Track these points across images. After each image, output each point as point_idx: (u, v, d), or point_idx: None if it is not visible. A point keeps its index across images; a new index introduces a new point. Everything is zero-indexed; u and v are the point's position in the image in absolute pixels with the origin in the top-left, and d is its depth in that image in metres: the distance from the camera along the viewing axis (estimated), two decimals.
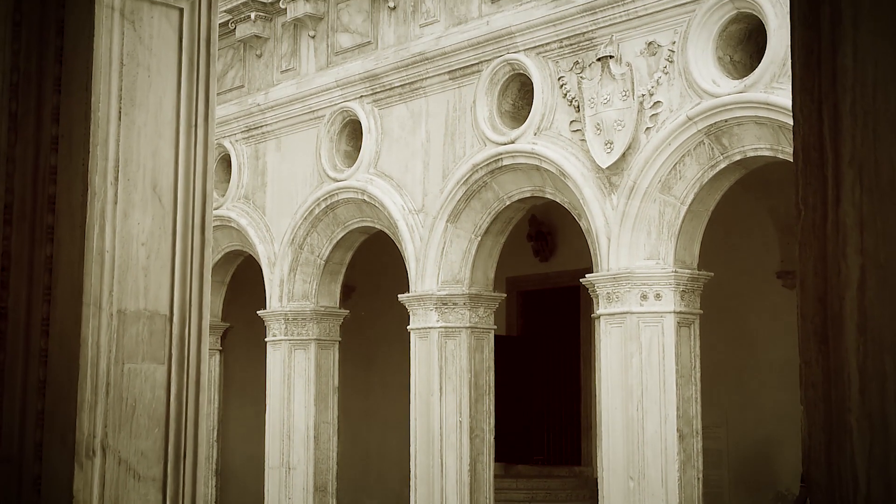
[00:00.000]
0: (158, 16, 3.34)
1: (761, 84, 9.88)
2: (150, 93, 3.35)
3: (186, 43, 3.39)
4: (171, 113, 3.35)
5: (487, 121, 12.00)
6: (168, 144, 3.36)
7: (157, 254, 3.34)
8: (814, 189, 1.88)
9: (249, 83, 15.25)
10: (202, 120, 3.44)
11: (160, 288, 3.35)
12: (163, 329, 3.36)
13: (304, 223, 14.06)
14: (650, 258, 10.71)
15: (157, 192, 3.33)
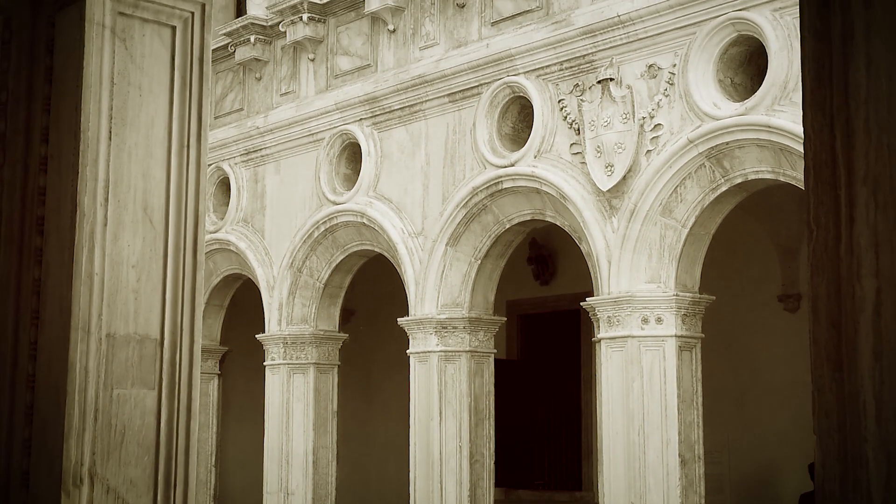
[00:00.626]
0: (150, 34, 3.27)
1: (762, 106, 9.83)
2: (142, 112, 3.28)
3: (179, 61, 3.33)
4: (162, 132, 3.28)
5: (487, 143, 11.95)
6: (159, 165, 3.29)
7: (148, 276, 3.26)
8: (826, 208, 1.80)
9: (249, 106, 15.21)
10: (195, 140, 3.37)
11: (151, 311, 3.27)
12: (153, 353, 3.28)
13: (304, 246, 14.00)
14: (651, 281, 10.63)
15: (148, 213, 3.26)
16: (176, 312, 3.30)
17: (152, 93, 3.31)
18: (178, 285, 3.30)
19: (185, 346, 3.31)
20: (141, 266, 3.27)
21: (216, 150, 15.29)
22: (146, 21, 3.28)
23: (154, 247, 3.28)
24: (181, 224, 3.31)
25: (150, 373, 3.28)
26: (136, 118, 3.29)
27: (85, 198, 3.18)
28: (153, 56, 3.30)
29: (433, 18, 12.78)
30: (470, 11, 12.41)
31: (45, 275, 3.29)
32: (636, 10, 10.69)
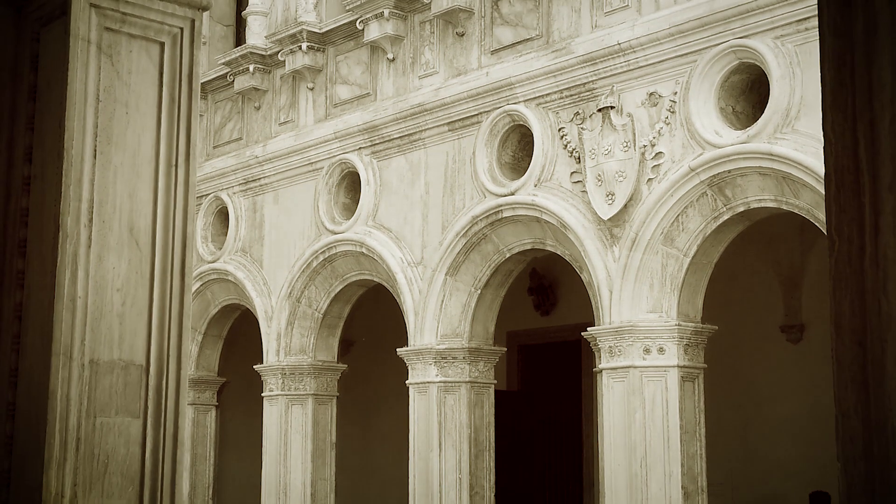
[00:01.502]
0: (138, 50, 3.18)
1: (764, 134, 9.75)
2: (128, 130, 3.18)
3: (167, 78, 3.23)
4: (150, 151, 3.18)
5: (487, 172, 11.87)
6: (146, 185, 3.18)
7: (134, 300, 3.15)
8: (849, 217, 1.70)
9: (247, 135, 15.15)
10: (183, 159, 3.27)
11: (136, 336, 3.16)
12: (138, 380, 3.16)
13: (302, 276, 13.90)
14: (653, 311, 10.52)
15: (134, 234, 3.15)
16: (162, 338, 3.18)
17: (139, 110, 3.20)
18: (165, 309, 3.19)
19: (171, 373, 3.19)
20: (126, 289, 3.15)
21: (214, 179, 15.24)
22: (133, 37, 3.19)
23: (140, 269, 3.17)
24: (168, 246, 3.20)
25: (134, 400, 3.16)
26: (123, 136, 3.18)
27: (68, 218, 3.07)
28: (140, 73, 3.20)
29: (432, 47, 12.74)
30: (469, 40, 12.36)
31: (27, 298, 3.17)
32: (636, 38, 10.63)
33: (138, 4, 3.18)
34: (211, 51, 15.95)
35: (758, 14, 9.85)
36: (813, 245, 13.24)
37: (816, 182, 9.34)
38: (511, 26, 11.95)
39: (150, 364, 3.20)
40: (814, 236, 12.73)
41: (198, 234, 15.46)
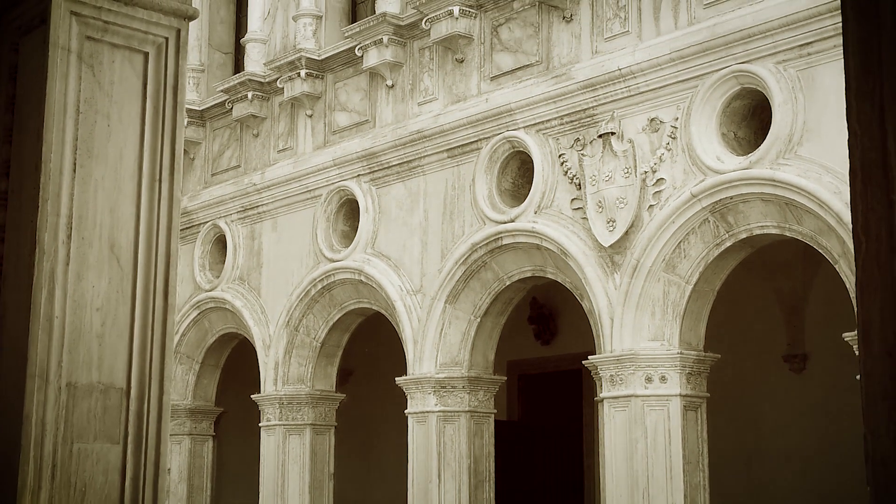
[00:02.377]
0: (121, 60, 3.06)
1: (767, 160, 9.64)
2: (110, 143, 3.06)
3: (151, 90, 3.11)
4: (132, 165, 3.05)
5: (487, 199, 11.76)
6: (129, 200, 3.06)
7: (114, 320, 3.01)
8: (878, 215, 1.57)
9: (246, 163, 15.07)
10: (167, 174, 3.14)
11: (116, 358, 3.02)
12: (118, 405, 3.02)
13: (300, 304, 13.77)
14: (655, 339, 10.38)
15: (115, 252, 3.01)
16: (144, 360, 3.05)
17: (122, 122, 3.08)
18: (147, 330, 3.05)
19: (153, 397, 3.05)
20: (106, 309, 3.01)
21: (212, 207, 15.15)
22: (116, 46, 3.07)
23: (121, 288, 3.03)
24: (151, 264, 3.07)
25: (114, 426, 3.01)
26: (104, 149, 3.06)
27: (45, 234, 2.94)
28: (123, 83, 3.08)
29: (432, 73, 12.66)
30: (469, 66, 12.29)
31: (2, 318, 3.03)
32: (637, 64, 10.55)
33: (121, 13, 3.06)
34: (209, 78, 15.89)
35: (759, 39, 9.77)
36: (816, 273, 13.11)
37: (820, 208, 9.23)
38: (511, 52, 11.88)
39: (130, 387, 3.06)
40: (816, 264, 12.60)
41: (195, 263, 15.36)
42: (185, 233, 15.64)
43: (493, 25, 12.07)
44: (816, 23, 9.41)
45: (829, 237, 9.34)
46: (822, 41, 9.41)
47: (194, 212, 15.45)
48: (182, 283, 15.65)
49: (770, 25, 9.69)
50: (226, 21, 16.29)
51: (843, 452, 11.90)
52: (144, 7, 3.08)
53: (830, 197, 9.14)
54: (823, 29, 9.38)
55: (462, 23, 12.13)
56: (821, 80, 9.45)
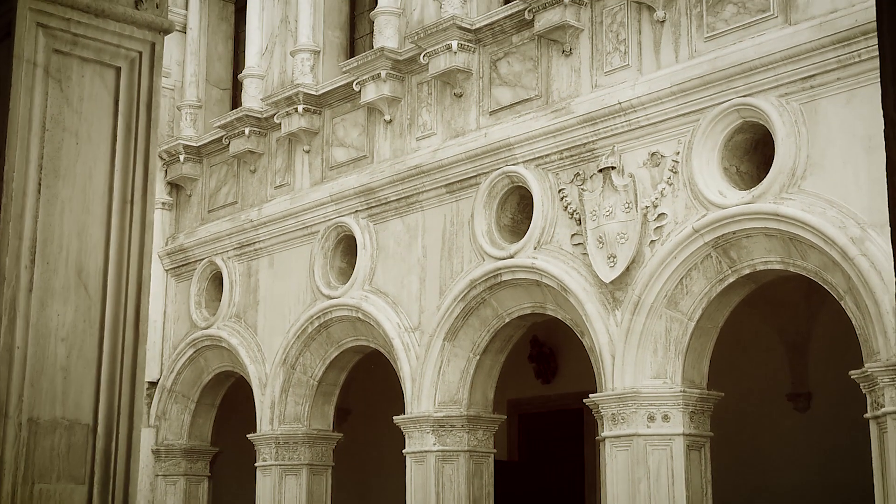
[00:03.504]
0: (91, 75, 2.89)
1: (770, 194, 9.49)
2: (78, 162, 2.89)
3: (123, 107, 2.94)
4: (102, 186, 2.88)
5: (486, 235, 11.61)
6: (98, 223, 2.88)
7: (80, 352, 2.83)
8: None
9: (243, 199, 14.94)
10: (139, 195, 2.97)
11: (82, 393, 2.83)
12: (84, 442, 2.82)
13: (297, 342, 13.59)
14: (657, 377, 10.20)
15: (83, 278, 2.84)
16: (112, 394, 2.85)
17: (91, 141, 2.91)
18: (117, 362, 2.86)
19: (122, 434, 2.86)
20: (72, 339, 2.83)
21: (209, 244, 15.01)
22: (86, 60, 2.90)
23: (89, 317, 2.85)
24: (121, 292, 2.89)
25: (79, 465, 2.82)
26: (72, 169, 2.89)
27: (7, 259, 2.76)
28: (93, 100, 2.91)
29: (430, 108, 12.55)
30: (468, 101, 12.17)
31: None
32: (637, 98, 10.43)
33: (92, 25, 2.90)
34: (207, 114, 15.80)
35: (761, 72, 9.65)
36: (819, 311, 12.94)
37: (824, 243, 9.07)
38: (510, 87, 11.77)
39: (97, 424, 2.86)
40: (820, 301, 12.43)
41: (191, 300, 15.20)
42: (180, 270, 15.51)
43: (492, 60, 11.97)
44: (819, 55, 9.29)
45: (835, 272, 9.17)
46: (825, 74, 9.29)
47: (190, 249, 15.31)
48: (178, 321, 15.50)
49: (772, 58, 9.57)
50: (223, 57, 16.21)
51: (847, 492, 11.68)
52: (117, 19, 2.92)
53: (835, 232, 8.98)
54: (826, 62, 9.26)
55: (461, 57, 12.02)
56: (824, 113, 9.32)
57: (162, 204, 15.82)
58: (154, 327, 15.60)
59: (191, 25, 16.09)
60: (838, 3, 9.30)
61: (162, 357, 15.59)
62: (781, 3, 9.69)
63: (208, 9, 16.16)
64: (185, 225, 15.73)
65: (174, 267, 15.63)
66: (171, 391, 15.35)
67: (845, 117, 9.18)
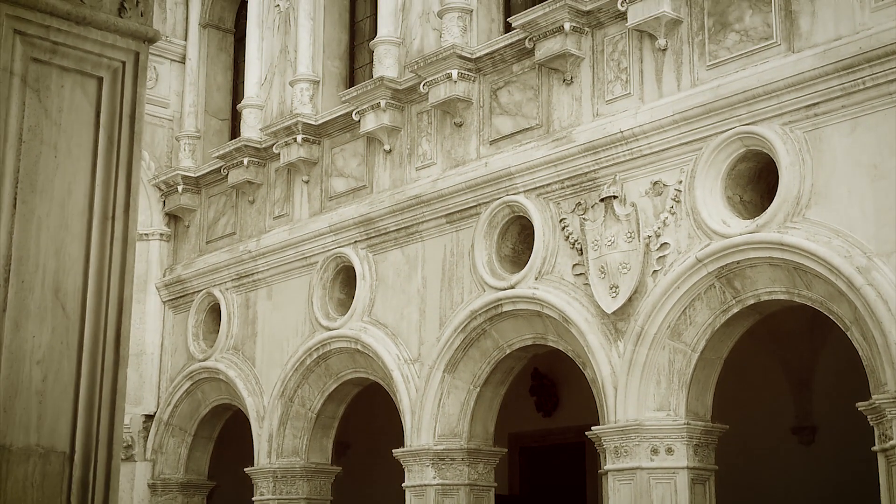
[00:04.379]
0: (71, 85, 2.76)
1: (774, 223, 9.36)
2: (57, 177, 2.75)
3: (105, 119, 2.81)
4: (82, 202, 2.74)
5: (486, 265, 11.48)
6: (77, 240, 2.74)
7: (57, 375, 2.68)
8: None
9: (241, 230, 14.82)
10: (121, 211, 2.83)
11: (59, 418, 2.68)
12: (60, 471, 2.67)
13: (295, 374, 13.43)
14: (660, 409, 10.04)
15: (61, 298, 2.70)
16: (91, 420, 2.70)
17: (71, 154, 2.78)
18: (95, 387, 2.72)
19: (100, 463, 2.71)
20: (48, 362, 2.69)
21: (207, 275, 14.89)
22: (66, 70, 2.77)
23: (66, 339, 2.71)
24: (101, 313, 2.74)
25: (55, 495, 2.66)
26: (50, 183, 2.75)
27: None
28: (74, 111, 2.78)
29: (430, 138, 12.46)
30: (468, 130, 12.08)
31: None
32: (639, 126, 10.33)
33: (72, 33, 2.77)
34: (205, 145, 15.72)
35: (765, 100, 9.55)
36: (824, 342, 12.79)
37: (830, 273, 8.94)
38: (510, 116, 11.67)
39: (75, 451, 2.71)
40: (825, 332, 12.29)
41: (189, 332, 15.06)
42: (178, 302, 15.38)
43: (493, 89, 11.88)
44: (823, 83, 9.19)
45: (840, 303, 9.03)
46: (830, 101, 9.19)
47: (188, 280, 15.18)
48: (175, 353, 15.36)
49: (775, 86, 9.47)
50: (222, 88, 16.15)
51: None
52: (99, 27, 2.80)
53: (841, 261, 8.85)
54: (830, 89, 9.15)
55: (461, 86, 11.94)
56: (829, 141, 9.20)
57: (160, 235, 15.72)
58: (151, 360, 15.46)
59: (190, 56, 16.04)
60: (842, 30, 9.21)
61: (159, 390, 15.43)
62: (784, 31, 9.60)
63: (207, 39, 16.11)
64: (182, 256, 15.61)
65: (172, 298, 15.50)
66: (168, 424, 15.17)
67: (850, 145, 9.07)
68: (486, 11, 12.38)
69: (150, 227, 15.71)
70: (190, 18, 16.20)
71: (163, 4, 16.32)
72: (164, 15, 16.28)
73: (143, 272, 15.58)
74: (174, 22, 16.28)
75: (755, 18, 9.81)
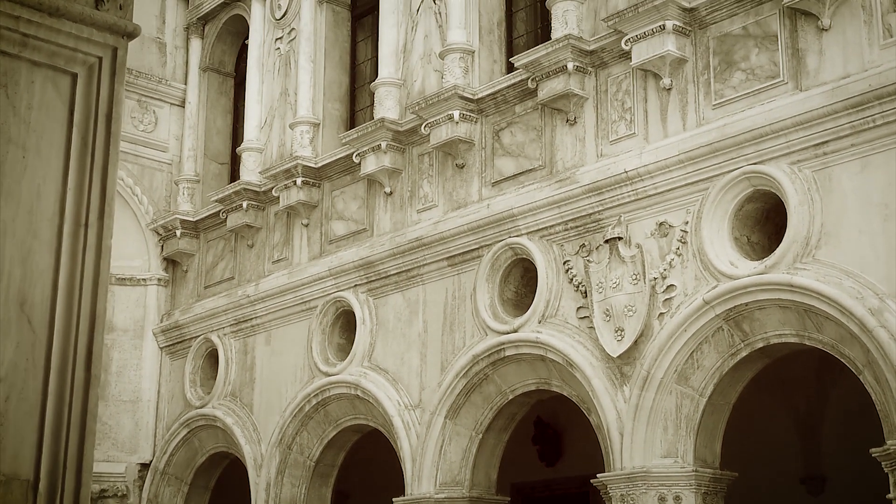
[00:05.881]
0: (42, 81, 2.56)
1: (783, 265, 9.15)
2: (25, 179, 2.54)
3: (80, 117, 2.60)
4: (52, 207, 2.53)
5: (489, 309, 11.26)
6: (46, 248, 2.53)
7: (21, 395, 2.45)
8: None
9: (240, 274, 14.63)
10: (95, 218, 2.62)
11: (22, 443, 2.45)
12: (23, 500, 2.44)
13: (294, 421, 13.17)
14: (668, 456, 9.78)
15: (27, 311, 2.48)
16: (58, 445, 2.47)
17: (41, 155, 2.57)
18: (64, 409, 2.49)
19: (67, 492, 2.47)
20: (12, 381, 2.46)
21: (205, 320, 14.68)
22: (37, 65, 2.57)
23: (32, 356, 2.48)
24: (72, 328, 2.52)
25: None
26: (16, 187, 2.54)
27: None
28: (44, 109, 2.58)
29: (431, 180, 12.29)
30: (470, 172, 11.91)
31: None
32: (644, 166, 10.16)
33: (45, 25, 2.58)
34: (204, 189, 15.57)
35: (772, 139, 9.38)
36: (834, 387, 12.55)
37: (841, 315, 8.72)
38: (513, 157, 11.51)
39: (39, 479, 2.47)
40: (834, 377, 12.06)
41: (186, 379, 14.82)
42: (175, 348, 15.16)
43: (495, 130, 11.73)
44: (832, 121, 9.02)
45: (853, 346, 8.80)
46: (839, 140, 9.01)
47: (186, 325, 14.96)
48: (172, 401, 15.11)
49: (783, 125, 9.30)
50: (222, 131, 16.03)
51: None
52: (74, 20, 2.60)
53: (853, 303, 8.63)
54: (839, 127, 8.98)
55: (462, 127, 11.79)
56: (838, 180, 9.02)
57: (157, 280, 15.53)
58: (148, 407, 15.21)
59: (189, 99, 15.93)
60: (850, 68, 9.05)
61: (155, 438, 15.16)
62: (791, 69, 9.45)
63: (207, 83, 16.01)
64: (180, 301, 15.41)
65: (169, 344, 15.27)
66: (164, 473, 14.88)
67: (860, 185, 8.88)
68: (488, 52, 12.26)
69: (147, 272, 15.53)
70: (190, 62, 16.11)
71: (163, 49, 16.24)
72: (164, 59, 16.21)
73: (140, 318, 15.39)
74: (174, 66, 16.20)
75: (761, 57, 9.67)
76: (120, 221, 15.32)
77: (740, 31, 9.84)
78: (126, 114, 15.57)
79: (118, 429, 15.06)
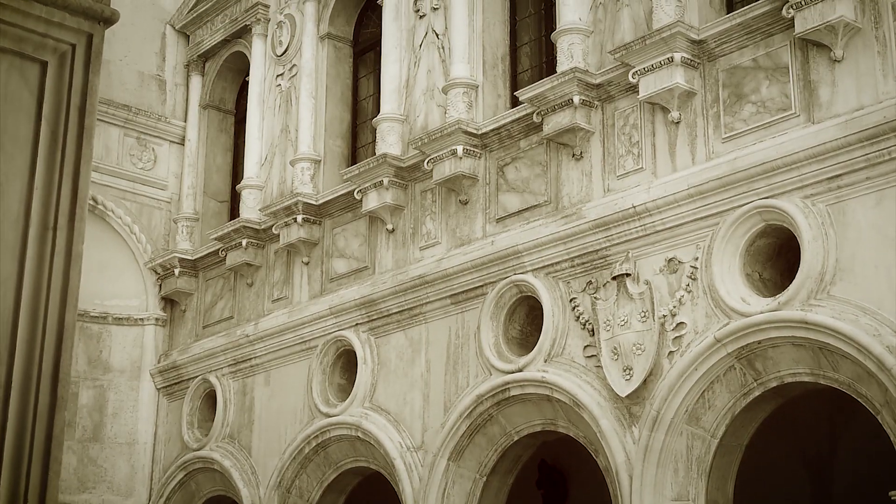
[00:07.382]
0: (7, 69, 2.30)
1: (797, 301, 8.89)
2: None
3: (49, 110, 2.35)
4: (17, 208, 2.27)
5: (493, 348, 10.99)
6: (9, 253, 2.26)
7: None
8: None
9: (239, 314, 14.36)
10: (65, 221, 2.35)
11: None
12: None
13: (293, 464, 12.88)
14: (678, 499, 9.50)
15: None
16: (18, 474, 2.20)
17: (3, 151, 2.31)
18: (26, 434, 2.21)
19: None
20: None
21: (203, 360, 14.40)
22: (2, 51, 2.33)
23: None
24: (36, 343, 2.25)
25: None
26: None
27: None
28: (10, 100, 2.32)
29: (434, 216, 12.05)
30: (473, 208, 11.68)
31: None
32: (653, 201, 9.92)
33: (10, 7, 2.33)
34: (204, 227, 15.35)
35: (784, 172, 9.14)
36: (845, 430, 12.24)
37: (858, 353, 8.44)
38: (517, 192, 11.28)
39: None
40: (846, 419, 11.76)
41: (183, 420, 14.52)
42: (173, 389, 14.88)
43: (499, 165, 11.51)
44: (845, 154, 8.79)
45: (870, 384, 8.52)
46: (853, 173, 8.77)
47: (184, 366, 14.68)
48: (169, 443, 14.80)
49: (795, 158, 9.07)
50: (222, 169, 15.83)
51: None
52: (44, 2, 2.34)
53: (870, 340, 8.36)
54: (853, 161, 8.75)
55: (466, 163, 11.57)
56: (853, 214, 8.77)
57: (155, 320, 15.27)
58: (144, 450, 14.91)
59: (189, 137, 15.76)
60: (864, 99, 8.83)
61: (151, 481, 14.84)
62: (803, 102, 9.24)
63: (207, 120, 15.84)
64: (179, 341, 15.13)
65: (166, 385, 14.98)
66: None
67: (875, 218, 8.63)
68: (492, 87, 12.06)
69: (145, 311, 15.28)
70: (190, 99, 15.95)
71: (163, 86, 16.09)
72: (163, 96, 16.04)
73: (137, 358, 15.14)
74: (174, 103, 16.03)
75: (772, 89, 9.45)
76: (117, 260, 15.09)
77: (750, 63, 9.63)
78: (125, 151, 15.38)
79: (114, 472, 14.75)
